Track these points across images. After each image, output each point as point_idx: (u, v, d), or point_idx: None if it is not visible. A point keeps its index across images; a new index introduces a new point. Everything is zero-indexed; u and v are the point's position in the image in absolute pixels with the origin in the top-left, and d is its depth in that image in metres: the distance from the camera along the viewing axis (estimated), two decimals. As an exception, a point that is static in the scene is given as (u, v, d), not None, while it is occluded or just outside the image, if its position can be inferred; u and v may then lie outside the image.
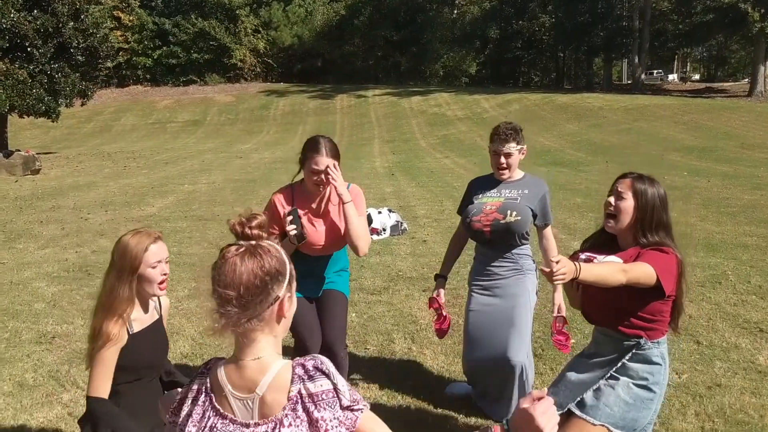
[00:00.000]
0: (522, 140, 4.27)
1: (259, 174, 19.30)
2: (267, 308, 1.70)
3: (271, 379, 1.70)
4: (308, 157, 3.82)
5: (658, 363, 3.09)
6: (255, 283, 1.67)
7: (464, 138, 33.03)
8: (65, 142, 35.83)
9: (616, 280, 2.84)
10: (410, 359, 5.20)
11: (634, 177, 3.15)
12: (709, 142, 25.93)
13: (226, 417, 1.74)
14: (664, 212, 3.10)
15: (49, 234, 10.49)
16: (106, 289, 3.02)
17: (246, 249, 1.70)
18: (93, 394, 2.97)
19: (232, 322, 1.67)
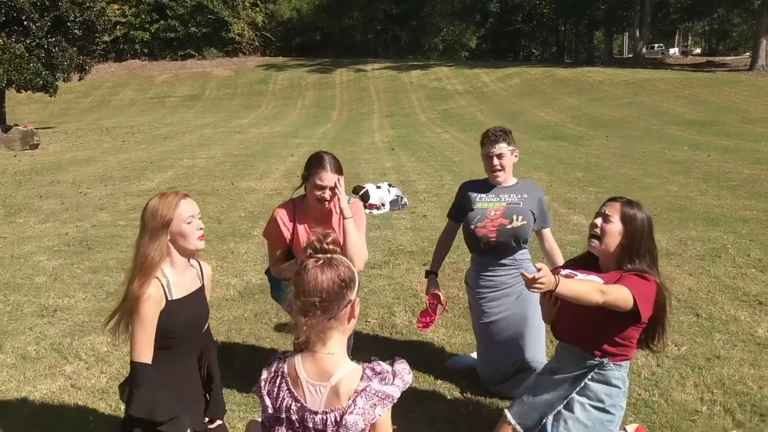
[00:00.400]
0: (512, 142, 4.18)
1: (258, 149, 19.25)
2: (343, 310, 2.06)
3: (344, 373, 2.03)
4: (312, 173, 3.79)
5: (617, 386, 3.12)
6: (334, 290, 2.04)
7: (464, 112, 32.91)
8: (63, 117, 35.67)
9: (593, 300, 2.85)
10: (411, 332, 5.22)
11: (623, 202, 3.11)
12: (709, 116, 25.83)
13: (299, 401, 2.06)
14: (651, 239, 3.09)
15: (49, 208, 10.48)
16: (140, 253, 2.95)
17: (324, 261, 2.06)
18: (137, 359, 2.89)
19: (315, 322, 2.03)
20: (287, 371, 2.11)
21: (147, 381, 2.95)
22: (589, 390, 3.13)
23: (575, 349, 3.16)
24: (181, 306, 3.02)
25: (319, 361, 2.06)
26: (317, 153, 3.91)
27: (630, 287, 2.90)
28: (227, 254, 7.52)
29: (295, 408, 2.06)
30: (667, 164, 14.62)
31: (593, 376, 3.11)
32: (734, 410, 3.89)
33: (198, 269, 3.22)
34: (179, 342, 3.05)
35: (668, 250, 7.42)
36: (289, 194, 11.35)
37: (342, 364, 2.05)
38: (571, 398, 3.14)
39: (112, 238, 8.30)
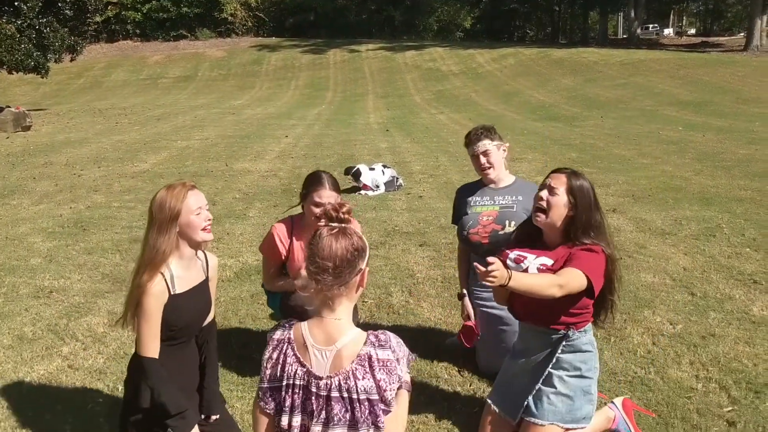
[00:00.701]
0: (497, 137, 4.11)
1: (253, 130, 19.16)
2: (354, 277, 2.09)
3: (349, 339, 2.07)
4: (311, 191, 3.84)
5: (588, 350, 3.15)
6: (347, 257, 2.06)
7: (459, 93, 32.80)
8: (56, 99, 35.40)
9: (550, 294, 2.85)
10: (408, 312, 5.23)
11: (568, 173, 3.10)
12: (704, 96, 25.81)
13: (305, 366, 2.09)
14: (597, 209, 3.07)
15: (43, 190, 10.43)
16: (149, 246, 2.93)
17: (339, 230, 2.09)
18: (144, 354, 2.92)
19: (326, 287, 2.06)
20: (293, 337, 2.14)
21: (155, 376, 2.95)
22: (563, 362, 3.14)
23: (536, 326, 3.17)
24: (183, 300, 3.01)
25: (326, 326, 2.10)
26: (315, 172, 3.99)
27: (581, 267, 2.89)
28: (223, 235, 7.51)
29: (301, 373, 2.09)
30: (661, 144, 14.62)
31: (563, 348, 3.12)
32: (729, 387, 3.92)
33: (204, 261, 3.21)
34: (180, 334, 3.06)
35: (663, 230, 7.44)
36: (284, 175, 11.24)
37: (348, 329, 2.09)
38: (548, 373, 3.15)
39: (107, 220, 8.27)
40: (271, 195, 9.72)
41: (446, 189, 10.15)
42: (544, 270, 2.98)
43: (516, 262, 3.08)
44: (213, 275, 3.26)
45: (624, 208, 8.60)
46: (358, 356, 2.04)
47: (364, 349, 2.04)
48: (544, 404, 3.13)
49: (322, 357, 2.08)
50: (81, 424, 3.57)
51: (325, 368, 2.07)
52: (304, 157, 13.77)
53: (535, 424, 3.13)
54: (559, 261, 2.99)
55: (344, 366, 2.05)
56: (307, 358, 2.10)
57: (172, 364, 3.03)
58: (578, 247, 3.00)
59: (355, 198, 9.54)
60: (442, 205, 8.95)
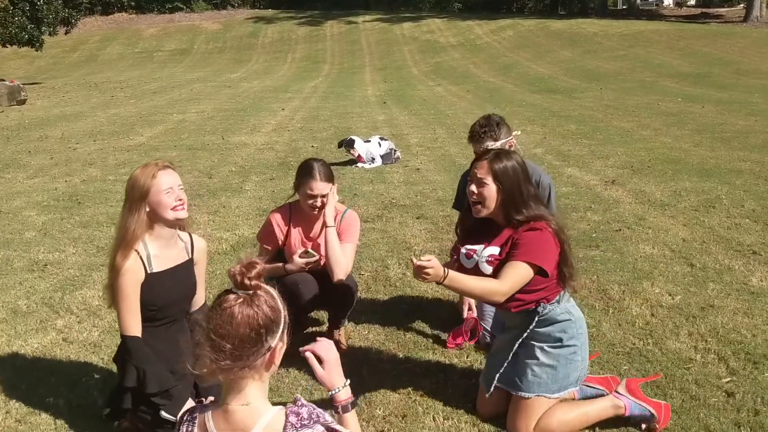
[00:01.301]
0: (501, 133, 3.98)
1: (249, 103, 19.02)
2: (259, 358, 1.73)
3: (263, 426, 1.72)
4: (303, 183, 3.86)
5: (566, 319, 3.14)
6: (251, 336, 1.70)
7: (457, 65, 32.56)
8: (50, 72, 35.11)
9: (495, 301, 2.96)
10: (404, 285, 5.19)
11: (489, 158, 3.08)
12: (704, 68, 25.65)
13: None
14: (527, 182, 3.08)
15: (38, 164, 10.35)
16: (120, 225, 2.96)
17: (244, 300, 1.72)
18: (126, 333, 2.96)
19: (222, 370, 1.71)
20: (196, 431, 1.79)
21: (137, 353, 2.96)
22: (541, 335, 3.15)
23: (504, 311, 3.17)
24: (161, 279, 3.01)
25: (232, 415, 1.74)
26: (308, 162, 3.96)
27: (525, 256, 2.93)
28: (219, 209, 7.45)
29: None
30: (661, 116, 14.53)
31: (537, 322, 3.12)
32: (728, 358, 3.90)
33: (187, 243, 3.18)
34: (161, 315, 3.06)
35: (662, 201, 7.39)
36: (281, 148, 11.22)
37: (261, 413, 1.74)
38: (529, 345, 3.16)
39: (102, 193, 8.21)
40: (268, 168, 9.65)
41: (444, 162, 10.08)
42: (492, 261, 3.03)
43: (467, 257, 3.13)
44: (200, 258, 3.24)
45: (623, 180, 8.55)
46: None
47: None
48: (528, 377, 3.13)
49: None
50: (75, 397, 3.54)
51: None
52: (301, 130, 13.67)
53: (522, 398, 3.14)
54: (506, 248, 3.02)
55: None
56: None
57: (159, 346, 3.03)
58: (522, 229, 3.02)
59: (352, 171, 9.47)
60: (439, 178, 8.89)
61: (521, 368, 3.17)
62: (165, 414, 2.96)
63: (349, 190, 8.20)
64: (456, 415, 3.36)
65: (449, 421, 3.32)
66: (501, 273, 2.96)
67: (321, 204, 3.86)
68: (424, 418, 3.34)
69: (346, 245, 3.95)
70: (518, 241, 2.99)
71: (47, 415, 3.38)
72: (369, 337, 4.29)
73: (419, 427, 3.27)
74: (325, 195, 3.85)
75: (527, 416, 3.11)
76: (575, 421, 3.13)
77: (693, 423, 3.26)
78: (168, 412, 2.96)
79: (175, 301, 3.12)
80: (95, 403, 3.46)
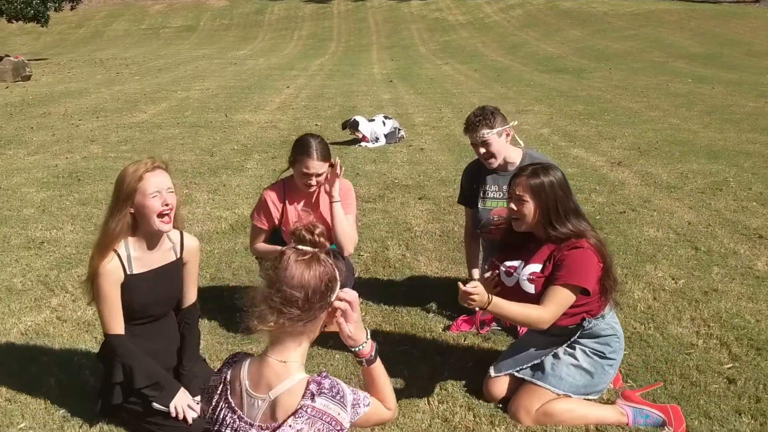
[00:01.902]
0: (497, 122, 3.90)
1: (254, 81, 18.90)
2: (323, 312, 1.82)
3: (287, 387, 1.77)
4: (298, 160, 3.78)
5: (611, 334, 3.14)
6: (320, 288, 1.78)
7: (465, 44, 32.28)
8: (56, 49, 34.99)
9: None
10: (404, 266, 5.12)
11: (527, 174, 3.06)
12: (714, 48, 25.34)
13: (235, 412, 1.81)
14: (568, 198, 3.06)
15: (40, 140, 10.29)
16: (102, 221, 2.93)
17: (312, 256, 1.80)
18: (108, 332, 2.95)
19: (289, 321, 1.76)
20: (230, 378, 1.87)
21: (122, 350, 2.96)
22: (584, 343, 3.15)
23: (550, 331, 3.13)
24: (140, 281, 2.96)
25: (267, 368, 1.80)
26: (305, 138, 3.88)
27: (568, 280, 2.92)
28: (219, 187, 7.38)
29: (230, 420, 1.81)
30: (670, 97, 14.36)
31: (583, 334, 3.13)
32: (731, 344, 3.82)
33: (176, 243, 3.11)
34: (140, 315, 3.03)
35: (669, 183, 7.29)
36: (284, 126, 11.15)
37: (291, 374, 1.79)
38: (571, 345, 3.15)
39: (102, 171, 8.14)
40: (270, 147, 9.57)
41: (448, 141, 9.98)
42: (534, 279, 3.02)
43: (507, 275, 3.14)
44: (191, 258, 3.18)
45: (630, 161, 8.44)
46: (294, 411, 1.75)
47: (302, 402, 1.75)
48: (562, 374, 3.11)
49: (254, 405, 1.80)
50: (66, 377, 3.49)
51: (256, 416, 1.79)
52: (305, 109, 13.56)
53: (548, 391, 3.10)
54: (548, 265, 3.01)
55: (278, 420, 1.76)
56: (238, 402, 1.82)
57: (142, 342, 3.04)
58: (564, 247, 3.00)
59: (354, 151, 9.37)
60: (443, 158, 8.79)
61: (555, 363, 3.14)
62: (157, 405, 2.94)
63: (352, 170, 8.12)
64: (451, 399, 3.30)
65: (444, 405, 3.26)
66: (544, 299, 2.94)
67: (316, 183, 3.79)
68: (419, 402, 3.29)
69: (349, 217, 3.92)
70: (560, 262, 2.98)
71: (38, 394, 3.34)
72: (366, 319, 4.22)
73: (413, 410, 3.22)
74: (320, 174, 3.78)
75: (536, 400, 3.08)
76: (574, 419, 3.07)
77: (693, 410, 3.19)
78: (159, 402, 2.94)
79: (156, 302, 3.07)
80: (86, 383, 3.41)
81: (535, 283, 3.02)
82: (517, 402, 3.12)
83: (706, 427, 3.06)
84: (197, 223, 6.09)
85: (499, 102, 13.80)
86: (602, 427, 3.06)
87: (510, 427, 3.07)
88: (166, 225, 2.89)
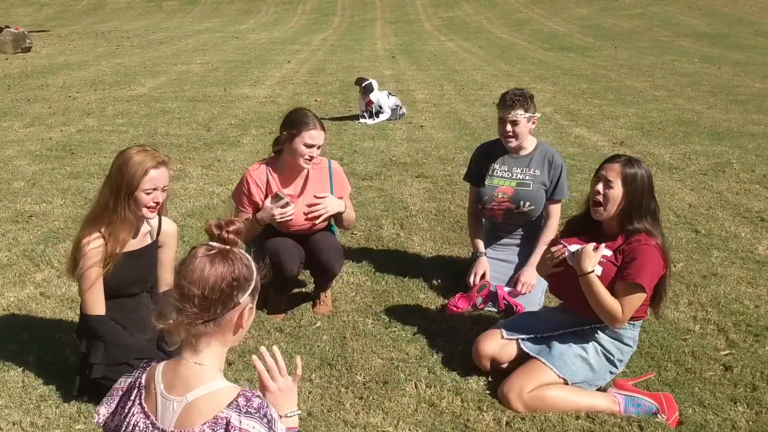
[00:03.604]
0: (532, 108, 4.01)
1: (255, 55, 18.69)
2: (227, 314, 1.66)
3: (208, 391, 1.64)
4: (297, 133, 3.63)
5: (628, 345, 3.14)
6: (221, 286, 1.64)
7: (470, 20, 31.89)
8: (58, 20, 34.65)
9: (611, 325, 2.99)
10: (397, 245, 5.03)
11: (622, 162, 3.04)
12: (722, 28, 25.01)
13: (148, 417, 1.68)
14: (652, 197, 3.04)
15: (35, 112, 10.16)
16: (99, 204, 2.95)
17: (218, 251, 1.67)
18: (89, 312, 2.99)
19: (188, 320, 1.64)
20: (144, 381, 1.74)
21: (102, 330, 2.98)
22: (601, 340, 3.12)
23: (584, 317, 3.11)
24: (120, 262, 2.99)
25: (182, 370, 1.67)
26: (299, 111, 3.79)
27: (638, 278, 2.89)
28: (213, 162, 7.27)
29: (144, 425, 1.67)
30: (675, 77, 14.15)
31: (607, 331, 3.11)
32: (728, 330, 3.74)
33: (154, 227, 3.17)
34: (114, 294, 3.05)
35: (671, 164, 7.16)
36: (283, 102, 10.96)
37: (210, 380, 1.66)
38: (585, 336, 3.13)
39: (96, 144, 8.03)
40: (268, 122, 9.43)
41: (449, 119, 9.83)
42: (603, 263, 2.99)
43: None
44: (167, 242, 3.24)
45: (632, 141, 8.30)
46: (213, 418, 1.59)
47: (225, 412, 1.59)
48: (568, 362, 3.07)
49: (170, 408, 1.65)
50: (46, 354, 3.42)
51: (170, 422, 1.64)
52: (305, 84, 13.40)
53: (548, 371, 3.05)
54: (619, 255, 2.99)
55: (193, 425, 1.60)
56: (152, 407, 1.68)
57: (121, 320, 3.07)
58: (633, 241, 2.97)
59: (353, 127, 9.24)
60: (443, 136, 8.66)
61: (565, 348, 3.10)
62: None
63: (349, 146, 7.99)
64: (439, 383, 3.22)
65: (431, 389, 3.19)
66: (620, 298, 2.94)
67: (317, 155, 3.70)
68: (406, 385, 3.21)
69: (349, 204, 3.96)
70: (631, 254, 2.96)
71: (16, 372, 3.27)
72: (356, 299, 4.14)
73: (400, 394, 3.14)
74: (321, 145, 3.69)
75: (530, 380, 3.02)
76: (566, 405, 3.00)
77: (687, 397, 3.11)
78: None
79: (132, 283, 3.13)
80: (66, 361, 3.34)
81: (604, 266, 2.98)
82: (510, 382, 3.05)
83: (700, 416, 2.98)
84: (189, 199, 5.99)
85: (503, 79, 13.61)
86: (593, 414, 2.98)
87: (498, 413, 3.00)
88: (151, 214, 2.99)
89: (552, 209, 4.16)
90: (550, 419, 2.94)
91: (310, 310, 3.98)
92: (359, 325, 3.82)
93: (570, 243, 3.11)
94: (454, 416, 2.99)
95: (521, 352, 3.19)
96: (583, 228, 3.20)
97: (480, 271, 4.06)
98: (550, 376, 3.05)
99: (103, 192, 2.94)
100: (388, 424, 2.92)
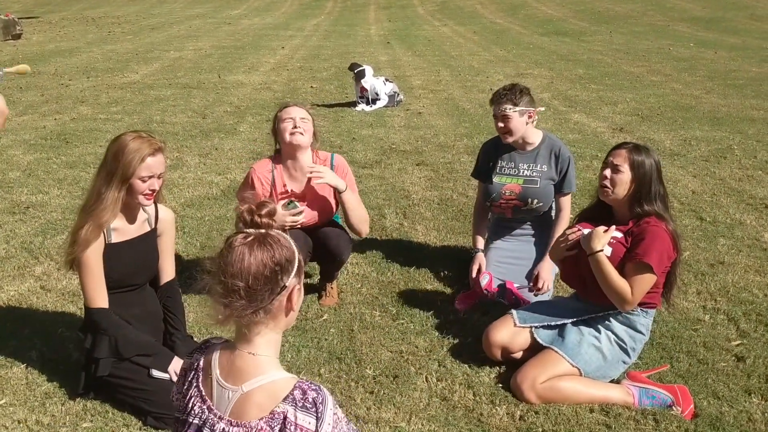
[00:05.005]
0: (524, 101, 3.92)
1: (248, 41, 18.53)
2: (275, 299, 1.62)
3: (265, 382, 1.60)
4: (277, 119, 3.71)
5: (641, 332, 3.15)
6: (264, 274, 1.59)
7: (464, 5, 31.69)
8: (48, 6, 34.24)
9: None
10: (401, 234, 4.97)
11: (629, 148, 3.10)
12: (717, 12, 24.93)
13: (205, 401, 1.66)
14: (660, 183, 3.09)
15: (28, 101, 10.03)
16: (94, 193, 2.90)
17: (255, 238, 1.61)
18: (91, 305, 2.92)
19: (237, 313, 1.59)
20: (202, 364, 1.71)
21: (106, 322, 2.92)
22: (614, 327, 3.12)
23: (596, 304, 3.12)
24: (118, 250, 2.95)
25: (236, 360, 1.64)
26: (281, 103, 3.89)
27: (647, 259, 2.93)
28: (210, 150, 7.19)
29: (199, 409, 1.66)
30: (672, 61, 14.09)
31: (619, 318, 3.11)
32: (738, 319, 3.70)
33: (151, 215, 3.10)
34: (119, 285, 2.99)
35: (672, 151, 7.12)
36: (278, 88, 10.87)
37: (265, 369, 1.62)
38: (597, 324, 3.13)
39: (91, 132, 7.92)
40: (264, 109, 9.33)
41: (447, 105, 9.76)
42: (613, 244, 3.03)
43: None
44: (165, 229, 3.17)
45: (631, 127, 8.26)
46: (271, 413, 1.56)
47: (281, 407, 1.55)
48: (581, 350, 3.06)
49: (225, 397, 1.62)
50: (48, 350, 3.36)
51: (226, 409, 1.62)
52: (300, 70, 13.28)
53: (561, 360, 3.04)
54: (628, 237, 3.04)
55: (249, 417, 1.58)
56: (209, 391, 1.66)
57: (125, 313, 3.01)
58: (643, 222, 3.02)
59: (351, 114, 9.15)
60: (442, 122, 8.59)
61: (577, 337, 3.10)
62: (156, 373, 2.90)
63: (348, 134, 7.92)
64: (450, 377, 3.18)
65: (443, 382, 3.14)
66: (629, 278, 2.97)
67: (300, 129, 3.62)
68: (417, 379, 3.17)
69: (357, 199, 3.85)
70: (640, 236, 3.00)
71: (19, 368, 3.21)
72: (362, 291, 4.08)
73: (411, 388, 3.10)
74: (303, 118, 3.66)
75: (543, 370, 2.99)
76: (580, 396, 2.98)
77: (701, 389, 3.08)
78: (158, 368, 2.91)
79: (135, 272, 3.07)
80: (70, 357, 3.28)
81: (614, 246, 3.02)
82: (523, 373, 3.02)
83: (715, 408, 2.95)
84: (188, 189, 5.91)
85: (499, 65, 13.52)
86: (607, 407, 2.94)
87: (511, 406, 2.96)
88: (147, 201, 2.93)
89: (563, 202, 4.10)
90: (564, 413, 2.90)
91: (317, 302, 3.93)
92: (366, 317, 3.77)
93: (583, 227, 3.15)
94: (467, 410, 2.95)
95: (533, 342, 3.17)
96: (594, 217, 3.22)
97: (476, 268, 4.01)
98: (564, 365, 3.02)
99: (97, 180, 2.89)
100: (401, 420, 2.88)
